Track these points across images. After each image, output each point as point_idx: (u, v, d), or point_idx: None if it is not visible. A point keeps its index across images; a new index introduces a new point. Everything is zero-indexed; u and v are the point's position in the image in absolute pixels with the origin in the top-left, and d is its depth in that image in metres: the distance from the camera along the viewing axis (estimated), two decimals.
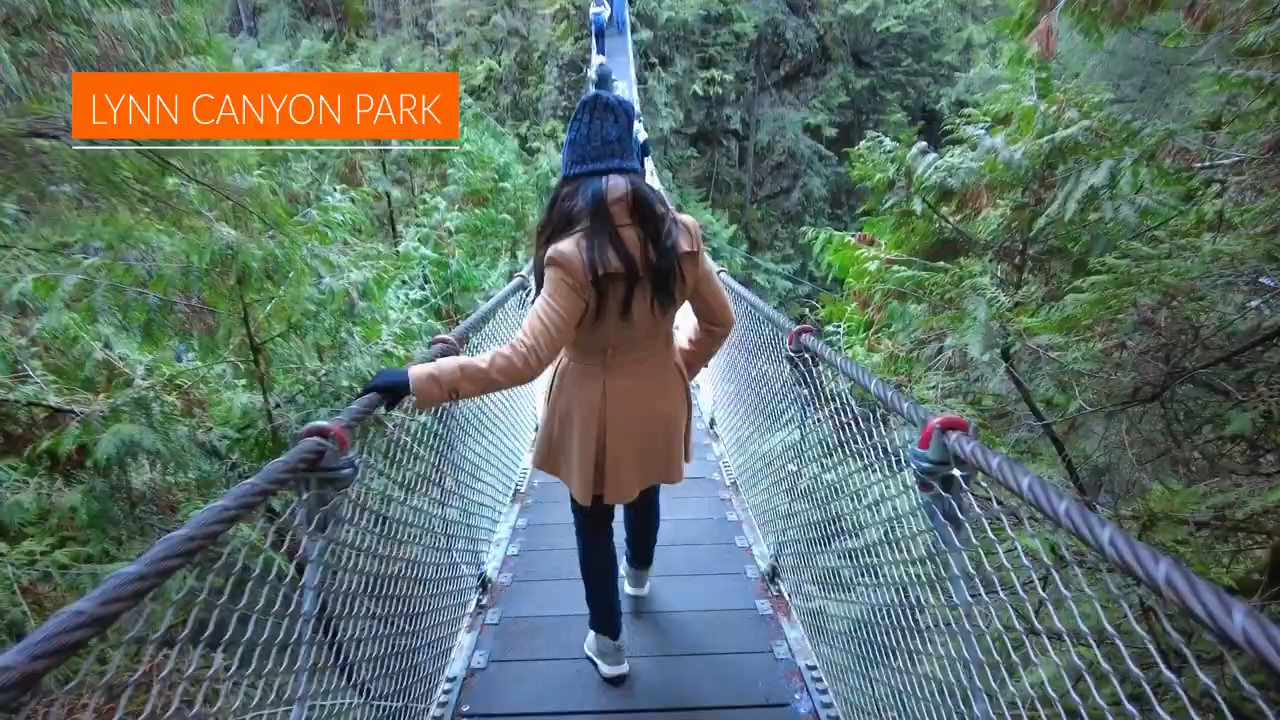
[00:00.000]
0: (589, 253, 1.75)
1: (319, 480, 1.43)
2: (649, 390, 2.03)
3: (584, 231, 1.78)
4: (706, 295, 2.00)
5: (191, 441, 3.81)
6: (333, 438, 1.42)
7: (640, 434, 2.04)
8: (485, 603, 2.77)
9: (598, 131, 1.81)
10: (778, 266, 29.74)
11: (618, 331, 1.88)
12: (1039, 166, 4.78)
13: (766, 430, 3.53)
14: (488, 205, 10.82)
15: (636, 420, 2.02)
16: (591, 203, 1.78)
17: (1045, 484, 1.07)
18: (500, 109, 27.48)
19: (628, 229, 1.80)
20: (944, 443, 1.36)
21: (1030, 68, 5.94)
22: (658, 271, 1.81)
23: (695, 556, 3.12)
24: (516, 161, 12.44)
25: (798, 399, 2.44)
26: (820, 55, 31.95)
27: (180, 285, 3.50)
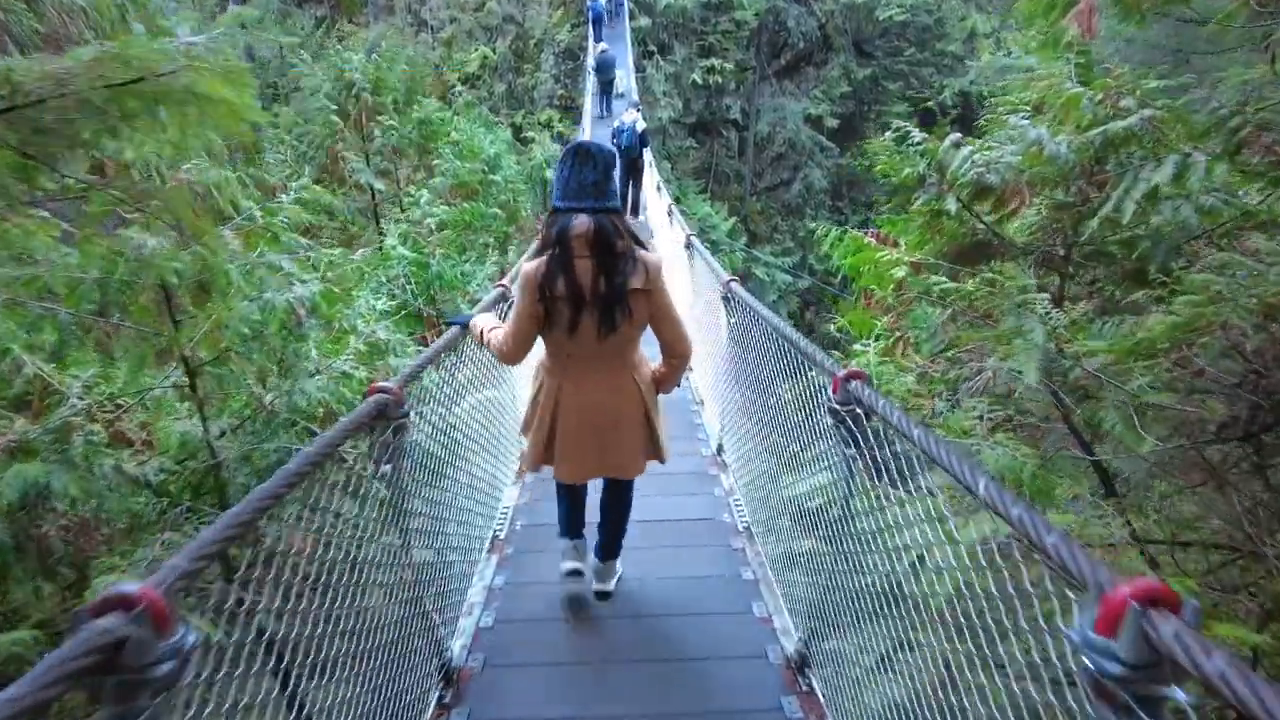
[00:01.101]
0: (543, 277, 2.16)
1: None
2: (598, 397, 2.38)
3: (547, 258, 2.18)
4: (661, 328, 2.34)
5: (120, 476, 3.28)
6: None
7: (588, 430, 2.41)
8: (449, 700, 2.24)
9: (576, 175, 2.17)
10: (777, 260, 29.29)
11: (569, 343, 2.27)
12: (1087, 161, 4.25)
13: (789, 469, 3.00)
14: (477, 198, 10.26)
15: (586, 419, 2.40)
16: (557, 236, 2.17)
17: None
18: (495, 98, 26.79)
19: (584, 260, 2.16)
20: None
21: (1068, 52, 5.41)
22: (605, 301, 2.17)
23: (704, 631, 2.60)
24: (508, 152, 11.87)
25: (843, 459, 1.91)
26: (822, 44, 31.37)
27: (95, 300, 2.95)
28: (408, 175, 10.19)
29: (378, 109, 9.48)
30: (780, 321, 2.66)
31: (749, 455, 3.49)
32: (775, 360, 2.83)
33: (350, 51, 9.99)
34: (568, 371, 2.36)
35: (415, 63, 11.78)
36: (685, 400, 5.33)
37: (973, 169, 4.25)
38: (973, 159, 4.29)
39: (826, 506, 2.26)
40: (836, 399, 1.82)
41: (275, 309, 3.10)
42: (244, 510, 1.14)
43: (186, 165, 7.47)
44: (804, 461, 2.65)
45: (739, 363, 3.59)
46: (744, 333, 3.46)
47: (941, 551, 1.42)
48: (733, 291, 3.59)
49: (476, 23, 28.36)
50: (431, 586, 2.25)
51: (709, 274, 4.66)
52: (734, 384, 3.83)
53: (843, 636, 2.05)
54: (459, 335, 2.75)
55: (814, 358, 2.02)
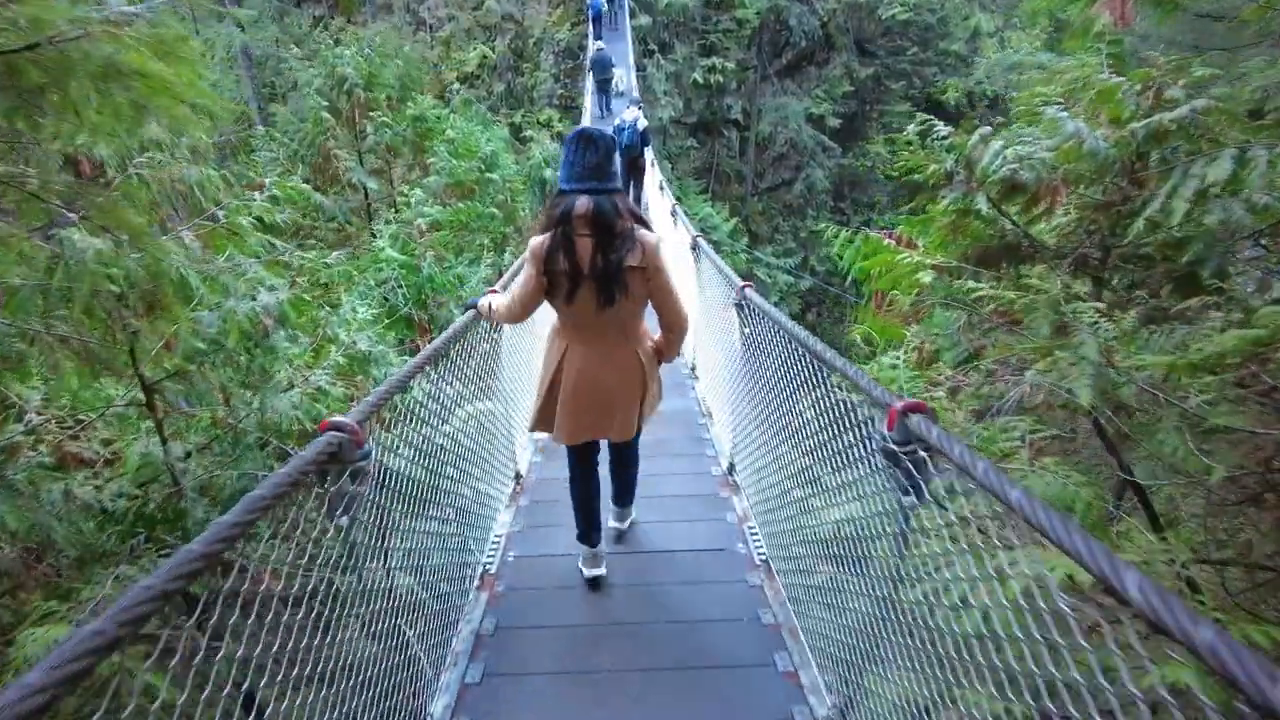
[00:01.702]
0: (546, 251, 2.35)
1: None
2: (598, 363, 2.55)
3: (551, 234, 2.35)
4: (660, 304, 2.51)
5: (69, 503, 2.96)
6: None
7: (586, 394, 2.58)
8: None
9: (580, 159, 2.33)
10: (779, 260, 29.07)
11: (570, 313, 2.48)
12: (1128, 157, 3.93)
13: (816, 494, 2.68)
14: (474, 198, 9.93)
15: (584, 383, 2.57)
16: (561, 215, 2.33)
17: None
18: (494, 97, 26.49)
19: (584, 239, 2.33)
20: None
21: (1099, 41, 5.10)
22: (603, 276, 2.34)
23: (718, 690, 2.27)
24: (505, 150, 11.54)
25: (899, 508, 1.58)
26: (824, 43, 31.13)
27: (37, 309, 2.63)
28: (403, 174, 9.86)
29: (371, 105, 9.16)
30: (809, 336, 2.34)
31: (767, 477, 3.16)
32: (799, 376, 2.50)
33: (343, 46, 9.69)
34: (573, 338, 2.57)
35: (410, 58, 11.45)
36: (692, 412, 5.01)
37: (1004, 165, 3.93)
38: (1004, 154, 3.97)
39: (866, 546, 1.95)
40: (893, 436, 1.50)
41: (235, 320, 2.76)
42: None
43: (166, 162, 7.08)
44: (836, 486, 2.33)
45: (755, 378, 3.26)
46: (761, 344, 3.14)
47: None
48: (748, 300, 3.26)
49: (475, 21, 28.05)
50: (406, 641, 1.93)
51: (718, 279, 4.34)
52: (748, 399, 3.51)
53: (894, 708, 1.72)
54: (449, 342, 2.52)
55: (860, 383, 1.70)
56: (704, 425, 4.73)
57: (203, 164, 8.57)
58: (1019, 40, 29.27)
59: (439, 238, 6.90)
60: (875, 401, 1.60)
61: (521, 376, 4.25)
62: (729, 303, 3.61)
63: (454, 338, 2.61)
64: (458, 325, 2.72)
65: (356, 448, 1.57)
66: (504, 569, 3.08)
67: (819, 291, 30.72)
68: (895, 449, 1.50)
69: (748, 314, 3.33)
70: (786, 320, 2.63)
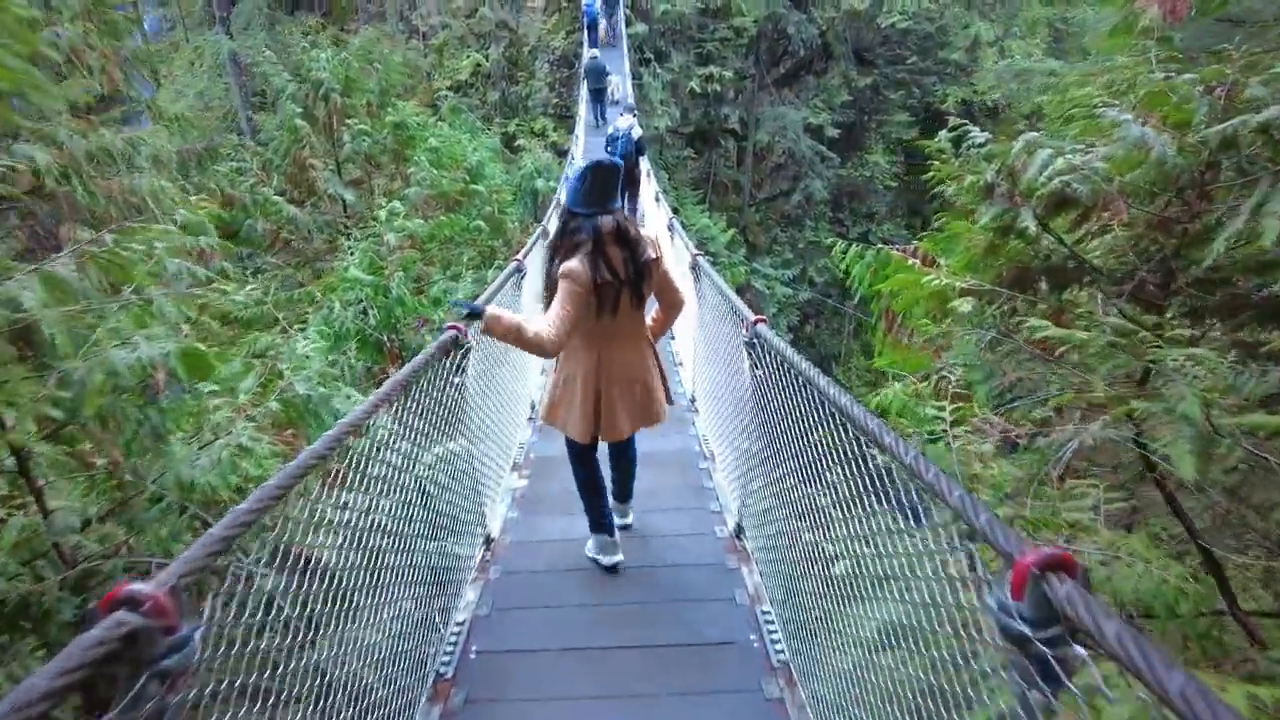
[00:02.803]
0: (591, 270, 2.63)
1: None
2: (630, 360, 2.91)
3: (586, 254, 2.64)
4: (663, 288, 2.89)
5: None
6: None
7: (628, 393, 2.93)
8: None
9: (598, 186, 2.66)
10: (776, 271, 28.68)
11: (605, 322, 2.76)
12: (1198, 167, 3.40)
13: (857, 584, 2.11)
14: (461, 209, 9.39)
15: (626, 384, 2.91)
16: (593, 234, 2.65)
17: None
18: (488, 106, 26.01)
19: (615, 250, 2.68)
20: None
21: (1145, 38, 4.58)
22: (635, 278, 2.73)
23: None
24: (494, 160, 10.99)
25: (1022, 704, 1.01)
26: (822, 53, 30.83)
27: None
28: (384, 185, 9.31)
29: (348, 112, 8.61)
30: (853, 403, 1.78)
31: (785, 553, 2.59)
32: (838, 451, 1.94)
33: (319, 49, 9.15)
34: (604, 347, 2.82)
35: (392, 62, 10.92)
36: (691, 454, 4.43)
37: (1055, 176, 3.38)
38: (1053, 165, 3.42)
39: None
40: (1024, 609, 0.94)
41: (95, 380, 2.18)
42: None
43: None
44: (884, 578, 1.77)
45: (769, 432, 2.70)
46: (777, 394, 2.58)
47: None
48: (761, 338, 2.70)
49: (469, 29, 27.60)
50: None
51: (722, 305, 3.79)
52: (760, 454, 2.94)
53: None
54: (384, 400, 1.98)
55: (968, 514, 1.12)
56: (706, 470, 4.15)
57: (164, 174, 8.01)
58: (1019, 49, 28.97)
59: (409, 256, 6.33)
60: (996, 543, 1.02)
61: (493, 416, 3.70)
62: (738, 340, 3.05)
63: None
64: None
65: (164, 634, 0.99)
66: (465, 670, 2.50)
67: (817, 303, 30.33)
68: (1027, 631, 0.93)
69: (761, 355, 2.77)
70: (819, 377, 2.07)
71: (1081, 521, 2.55)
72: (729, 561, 3.20)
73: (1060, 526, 2.54)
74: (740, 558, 3.22)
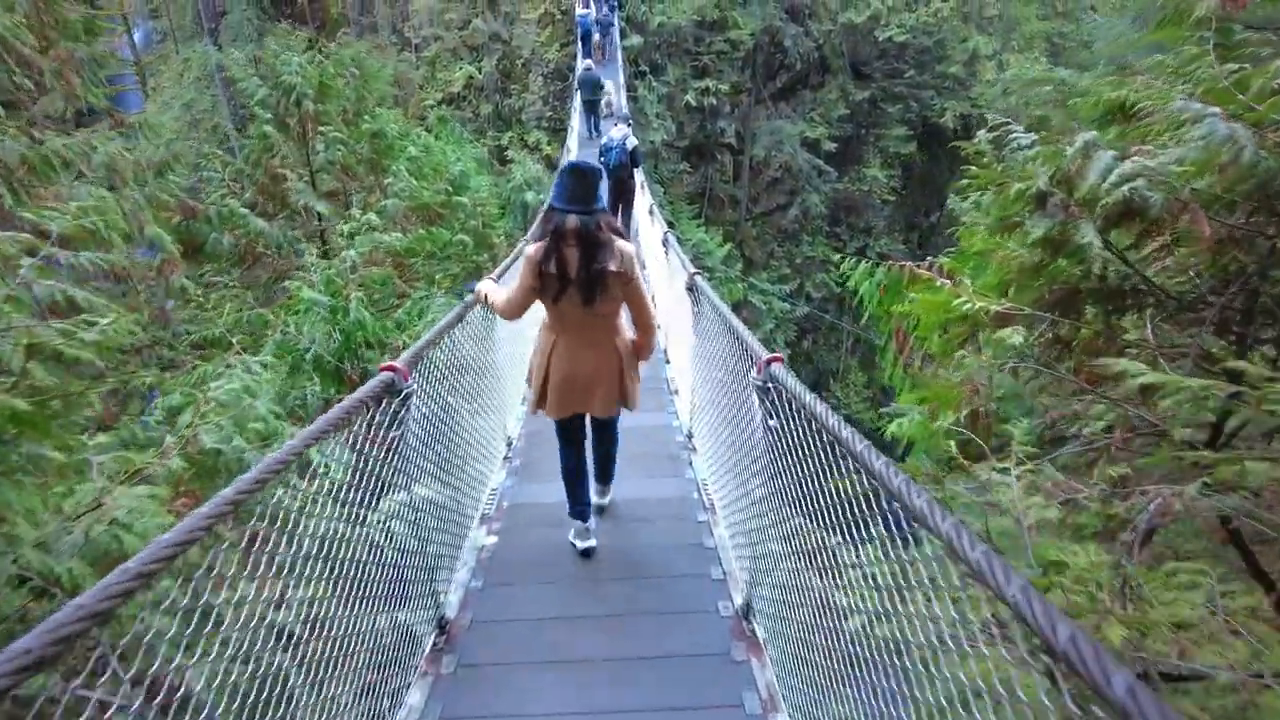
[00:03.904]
0: (541, 256, 2.80)
1: None
2: (580, 351, 3.03)
3: (544, 244, 2.82)
4: (632, 305, 2.99)
5: None
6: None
7: (570, 376, 3.05)
8: None
9: (573, 186, 2.82)
10: (773, 287, 28.28)
11: (557, 311, 2.94)
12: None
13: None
14: (443, 223, 8.84)
15: (568, 368, 3.05)
16: (554, 230, 2.81)
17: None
18: (481, 119, 25.58)
19: (571, 249, 2.79)
20: None
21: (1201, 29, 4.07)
22: (585, 280, 2.81)
23: None
24: (479, 171, 10.45)
25: None
26: (819, 66, 30.60)
27: None
28: (363, 197, 8.75)
29: (322, 119, 8.05)
30: (903, 481, 1.23)
31: (808, 636, 2.01)
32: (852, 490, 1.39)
33: (291, 53, 8.61)
34: (560, 332, 3.03)
35: (370, 67, 10.40)
36: (689, 503, 3.83)
37: (1122, 182, 2.83)
38: (1118, 168, 2.88)
39: None
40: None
41: None
42: None
43: None
44: None
45: (787, 499, 2.13)
46: (795, 446, 2.02)
47: None
48: (777, 382, 2.13)
49: (462, 41, 27.20)
50: None
51: (724, 336, 3.22)
52: (773, 517, 2.37)
53: None
54: None
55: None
56: (705, 525, 3.56)
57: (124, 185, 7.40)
58: (1017, 62, 28.76)
59: (375, 274, 5.74)
60: None
61: (452, 465, 3.13)
62: (746, 380, 2.47)
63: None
64: None
65: None
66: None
67: (815, 318, 29.91)
68: None
69: (776, 403, 2.20)
70: (854, 440, 1.51)
71: (1194, 622, 1.97)
72: (734, 652, 2.60)
73: (1166, 632, 1.96)
74: (747, 646, 2.62)
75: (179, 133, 21.72)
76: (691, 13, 25.63)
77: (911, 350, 6.69)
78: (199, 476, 2.68)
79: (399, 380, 2.19)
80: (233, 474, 2.66)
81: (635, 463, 4.25)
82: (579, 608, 2.94)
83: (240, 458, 2.78)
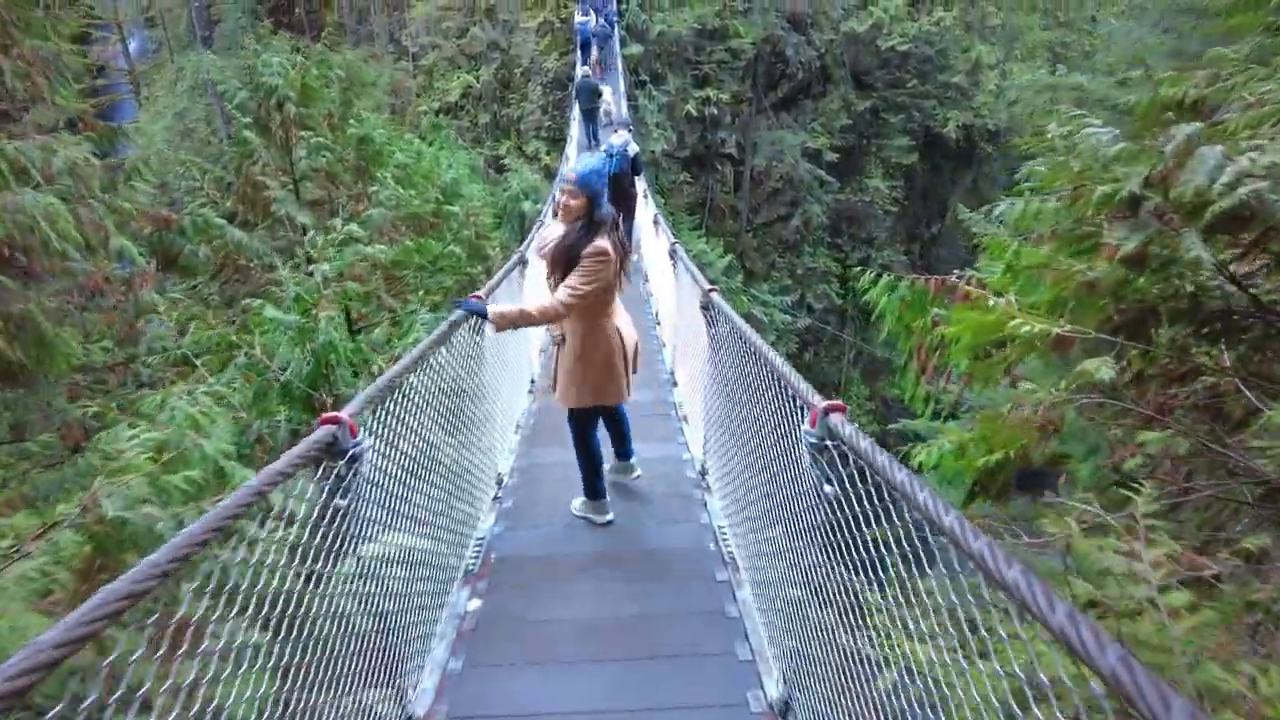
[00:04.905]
0: (612, 246, 3.21)
1: None
2: (629, 323, 3.49)
3: (610, 239, 3.20)
4: None
5: None
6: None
7: (634, 350, 3.52)
8: None
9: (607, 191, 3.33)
10: (775, 298, 27.91)
11: (614, 291, 3.35)
12: None
13: None
14: (434, 233, 8.35)
15: (632, 343, 3.50)
16: (611, 222, 3.27)
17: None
18: (479, 128, 25.17)
19: (615, 234, 3.26)
20: None
21: None
22: (624, 255, 3.31)
23: None
24: (472, 179, 9.96)
25: None
26: (820, 76, 30.33)
27: None
28: (350, 206, 8.26)
29: (305, 124, 7.56)
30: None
31: None
32: None
33: (271, 53, 8.14)
34: (614, 317, 3.37)
35: (356, 68, 9.93)
36: (705, 557, 3.31)
37: (1236, 184, 2.34)
38: (1231, 166, 2.38)
39: None
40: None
41: None
42: None
43: None
44: None
45: (836, 559, 1.62)
46: (855, 515, 1.51)
47: None
48: (839, 439, 1.62)
49: (459, 50, 26.82)
50: None
51: (744, 360, 2.71)
52: (821, 596, 1.86)
53: None
54: None
55: None
56: (726, 586, 3.03)
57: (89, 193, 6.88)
58: (1020, 71, 28.52)
59: (351, 290, 5.23)
60: None
61: (426, 519, 2.62)
62: (800, 440, 1.94)
63: None
64: None
65: None
66: None
67: (817, 330, 29.50)
68: None
69: (833, 466, 1.69)
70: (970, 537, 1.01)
71: None
72: (750, 706, 2.08)
73: None
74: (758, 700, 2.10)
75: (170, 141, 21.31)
76: (692, 21, 25.29)
77: (935, 370, 6.17)
78: (103, 551, 2.17)
79: (342, 438, 1.68)
80: (143, 550, 2.15)
81: (645, 504, 3.75)
82: (582, 696, 2.42)
83: (152, 528, 2.25)
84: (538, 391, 5.56)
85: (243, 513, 1.39)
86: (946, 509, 1.23)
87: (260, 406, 4.32)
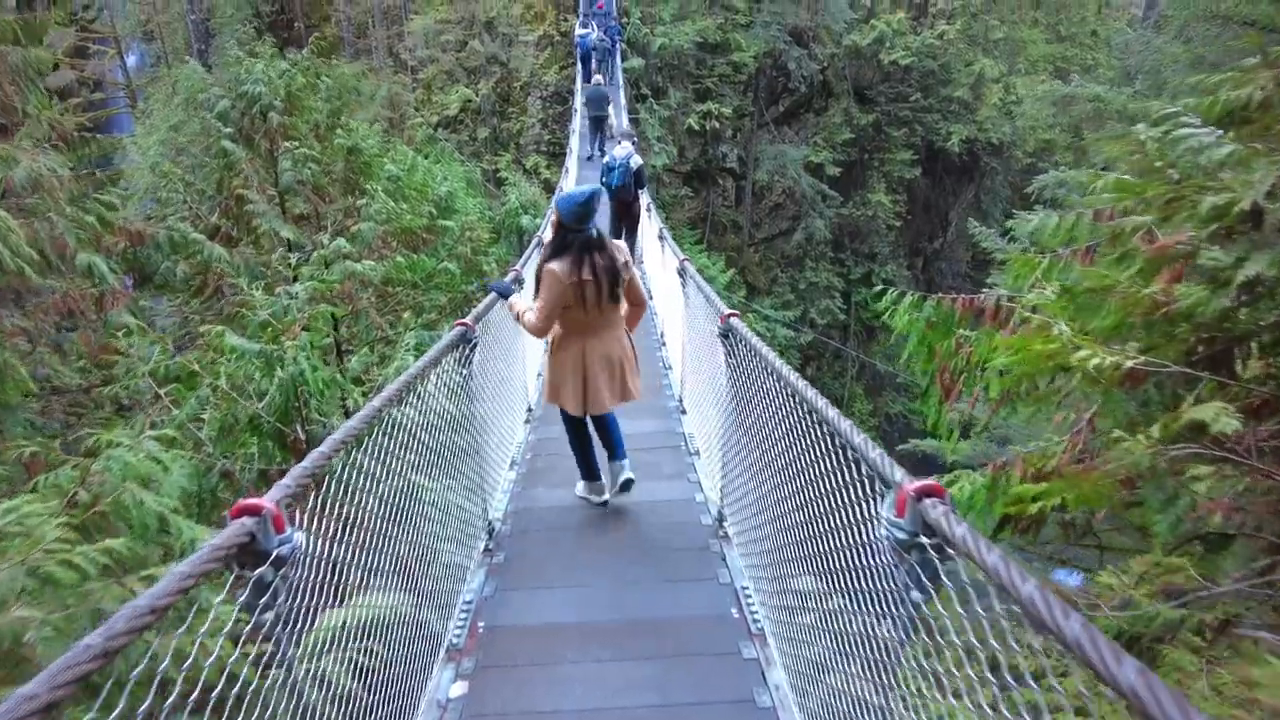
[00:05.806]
0: (572, 269, 3.30)
1: None
2: (611, 349, 3.53)
3: (569, 260, 3.31)
4: (631, 290, 3.53)
5: None
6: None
7: (607, 373, 3.53)
8: None
9: (581, 209, 3.30)
10: (777, 313, 27.53)
11: (584, 315, 3.40)
12: None
13: None
14: (428, 249, 7.93)
15: (605, 366, 3.52)
16: (581, 243, 3.33)
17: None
18: (479, 143, 24.89)
19: (590, 255, 3.33)
20: None
21: None
22: (610, 279, 3.36)
23: None
24: (469, 193, 9.55)
25: None
26: (822, 90, 30.16)
27: None
28: (339, 220, 7.85)
29: (291, 134, 7.15)
30: None
31: None
32: None
33: (255, 60, 7.74)
34: (587, 335, 3.47)
35: (344, 77, 9.55)
36: (729, 624, 2.86)
37: None
38: None
39: None
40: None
41: None
42: None
43: None
44: None
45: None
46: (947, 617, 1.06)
47: None
48: (940, 537, 1.18)
49: (458, 64, 26.59)
50: None
51: (769, 393, 2.26)
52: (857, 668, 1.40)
53: None
54: None
55: None
56: (755, 666, 2.57)
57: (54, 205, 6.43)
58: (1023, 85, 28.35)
59: (322, 311, 4.79)
60: None
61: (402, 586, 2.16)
62: (876, 522, 1.49)
63: None
64: None
65: None
66: None
67: (820, 345, 29.12)
68: None
69: (926, 567, 1.25)
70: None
71: None
72: None
73: None
74: None
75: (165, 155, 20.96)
76: (693, 35, 25.06)
77: (960, 392, 5.75)
78: None
79: (263, 537, 1.23)
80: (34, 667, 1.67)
81: (653, 558, 3.29)
82: None
83: (45, 637, 1.75)
84: (535, 421, 5.12)
85: (119, 647, 0.95)
86: (1118, 657, 0.81)
87: (225, 445, 3.88)
